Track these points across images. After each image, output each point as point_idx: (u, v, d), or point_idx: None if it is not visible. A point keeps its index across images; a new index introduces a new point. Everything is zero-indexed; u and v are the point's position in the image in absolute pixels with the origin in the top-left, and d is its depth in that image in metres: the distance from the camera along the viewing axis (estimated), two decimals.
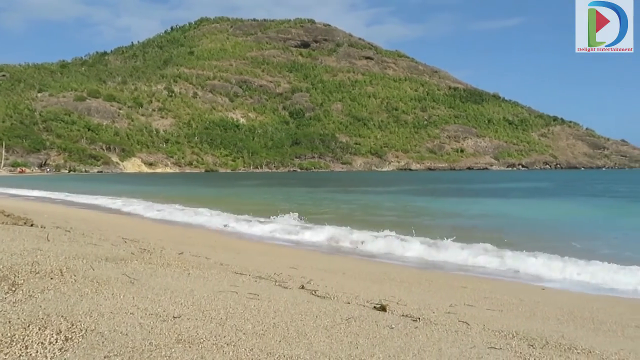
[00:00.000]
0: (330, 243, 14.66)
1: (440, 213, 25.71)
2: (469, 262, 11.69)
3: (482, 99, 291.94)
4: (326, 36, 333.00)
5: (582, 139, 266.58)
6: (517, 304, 6.90)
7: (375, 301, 5.45)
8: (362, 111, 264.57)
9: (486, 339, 4.12)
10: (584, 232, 17.94)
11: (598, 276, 9.88)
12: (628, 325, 6.00)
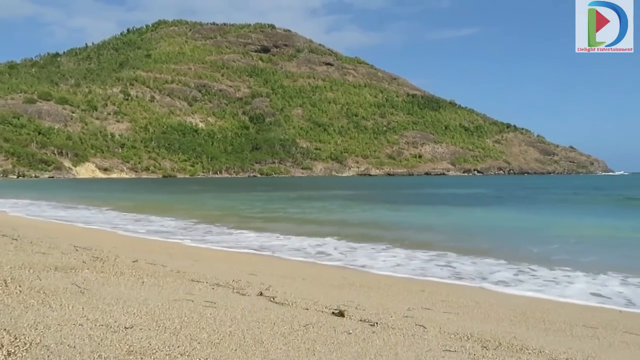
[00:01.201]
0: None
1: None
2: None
3: (440, 106, 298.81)
4: (286, 41, 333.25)
5: (534, 145, 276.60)
6: (473, 307, 7.04)
7: (334, 307, 5.45)
8: (323, 117, 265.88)
9: (442, 342, 4.18)
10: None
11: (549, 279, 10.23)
12: (576, 325, 6.22)
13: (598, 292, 9.17)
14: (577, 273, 10.75)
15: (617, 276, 10.36)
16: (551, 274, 10.70)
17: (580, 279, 10.29)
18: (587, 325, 6.27)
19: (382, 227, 20.77)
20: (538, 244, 15.41)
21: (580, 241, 15.57)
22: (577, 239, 16.65)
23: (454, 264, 11.90)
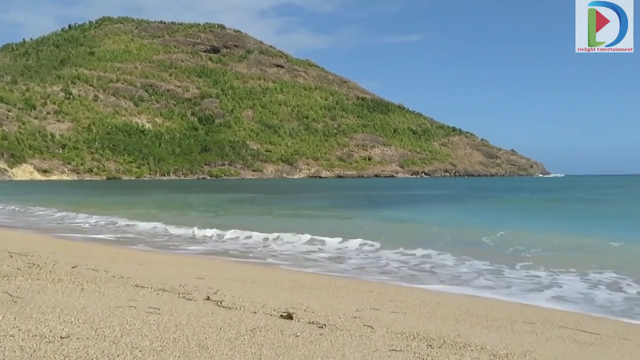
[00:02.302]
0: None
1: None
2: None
3: (389, 109, 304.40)
4: (237, 42, 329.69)
5: (478, 148, 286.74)
6: (420, 306, 7.18)
7: (283, 309, 5.41)
8: (273, 119, 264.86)
9: (388, 342, 4.23)
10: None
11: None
12: (516, 321, 6.47)
13: (537, 288, 9.59)
14: (521, 271, 11.22)
15: (556, 273, 10.87)
16: (497, 273, 11.10)
17: (524, 276, 10.74)
18: (527, 321, 6.52)
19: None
20: (485, 243, 15.97)
21: (524, 243, 16.22)
22: (522, 239, 17.31)
23: (409, 263, 12.12)
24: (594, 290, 9.46)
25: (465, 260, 12.45)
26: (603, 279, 10.33)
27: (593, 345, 5.36)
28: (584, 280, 10.20)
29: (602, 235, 17.45)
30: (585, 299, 8.82)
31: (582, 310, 8.02)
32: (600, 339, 5.70)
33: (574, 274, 10.75)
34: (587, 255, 13.78)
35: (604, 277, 10.43)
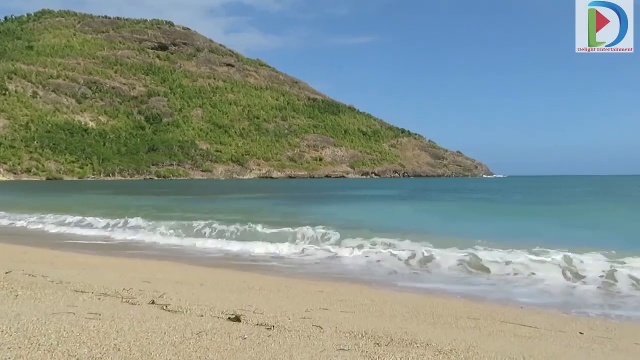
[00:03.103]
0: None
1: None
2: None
3: (339, 111, 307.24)
4: (185, 40, 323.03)
5: (426, 149, 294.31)
6: (369, 305, 7.25)
7: (231, 312, 5.32)
8: (223, 118, 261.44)
9: (337, 341, 4.24)
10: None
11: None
12: (461, 317, 6.65)
13: (479, 284, 9.91)
14: (469, 269, 11.55)
15: (501, 271, 11.27)
16: (445, 271, 11.38)
17: (469, 274, 11.07)
18: (471, 317, 6.72)
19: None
20: (435, 243, 16.33)
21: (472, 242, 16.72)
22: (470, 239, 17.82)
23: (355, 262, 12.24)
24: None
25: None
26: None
27: (532, 338, 5.58)
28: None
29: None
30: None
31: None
32: (538, 332, 5.95)
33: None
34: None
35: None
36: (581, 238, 15.67)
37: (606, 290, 9.46)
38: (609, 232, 18.68)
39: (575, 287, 9.78)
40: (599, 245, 12.47)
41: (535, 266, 10.82)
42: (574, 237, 15.64)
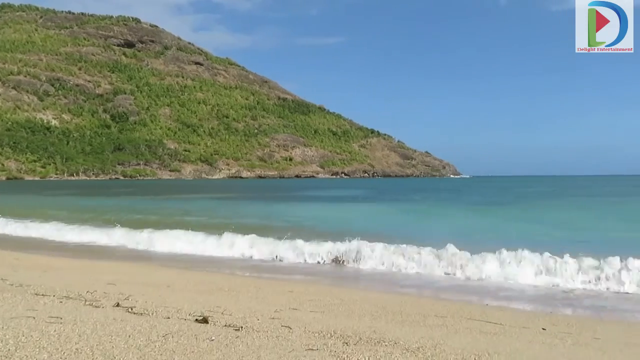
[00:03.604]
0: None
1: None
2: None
3: (309, 110, 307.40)
4: (153, 37, 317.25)
5: (395, 150, 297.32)
6: (338, 304, 7.27)
7: (198, 313, 5.24)
8: (192, 117, 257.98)
9: (305, 341, 4.23)
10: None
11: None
12: (429, 315, 6.74)
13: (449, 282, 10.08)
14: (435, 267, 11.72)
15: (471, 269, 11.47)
16: (413, 269, 11.52)
17: (436, 273, 11.24)
18: (438, 315, 6.82)
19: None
20: (406, 241, 16.51)
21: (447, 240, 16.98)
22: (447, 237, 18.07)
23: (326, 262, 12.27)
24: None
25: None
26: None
27: (497, 334, 5.70)
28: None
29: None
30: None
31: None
32: (503, 329, 6.09)
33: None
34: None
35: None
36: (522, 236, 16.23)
37: (565, 288, 9.76)
38: (545, 230, 19.56)
39: (537, 286, 10.05)
40: (540, 243, 12.85)
41: (480, 264, 11.02)
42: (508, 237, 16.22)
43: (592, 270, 9.99)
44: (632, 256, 9.89)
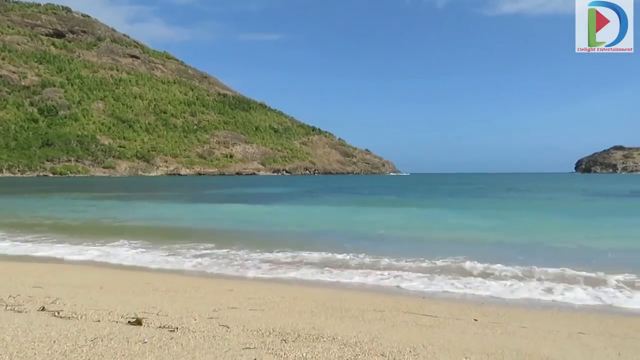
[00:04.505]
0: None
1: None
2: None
3: (250, 107, 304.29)
4: (85, 28, 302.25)
5: (336, 147, 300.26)
6: (279, 302, 7.24)
7: (131, 315, 5.05)
8: (128, 112, 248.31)
9: (243, 340, 4.17)
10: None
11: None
12: (367, 310, 6.84)
13: (381, 277, 10.28)
14: (373, 264, 11.92)
15: (407, 263, 11.76)
16: (353, 266, 11.65)
17: (375, 269, 11.43)
18: (377, 309, 6.94)
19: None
20: (345, 237, 16.70)
21: (381, 236, 17.29)
22: (381, 234, 18.43)
23: (267, 259, 12.16)
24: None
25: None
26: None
27: (432, 327, 5.88)
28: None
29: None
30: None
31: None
32: (438, 321, 6.29)
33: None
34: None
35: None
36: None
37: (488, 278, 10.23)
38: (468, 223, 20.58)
39: (470, 278, 10.45)
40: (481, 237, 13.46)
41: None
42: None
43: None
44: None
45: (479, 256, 12.13)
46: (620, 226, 20.02)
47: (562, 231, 18.07)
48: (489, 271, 10.72)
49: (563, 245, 13.02)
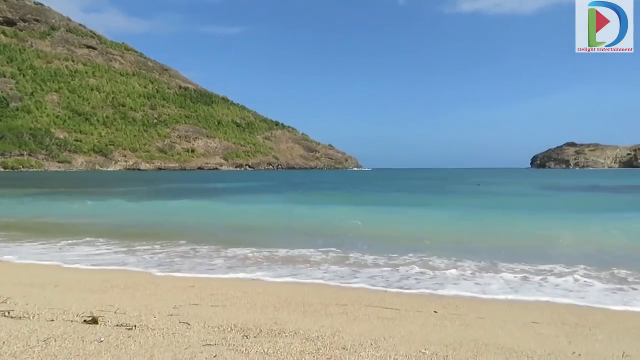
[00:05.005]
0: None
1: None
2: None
3: (212, 101, 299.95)
4: (38, 16, 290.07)
5: (299, 142, 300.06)
6: (241, 297, 7.18)
7: (87, 314, 4.90)
8: (84, 105, 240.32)
9: (204, 337, 4.12)
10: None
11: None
12: (330, 304, 6.88)
13: (347, 271, 10.36)
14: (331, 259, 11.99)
15: (366, 257, 11.88)
16: (317, 261, 11.67)
17: (334, 264, 11.50)
18: (340, 303, 6.98)
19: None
20: (310, 233, 16.72)
21: (345, 233, 17.38)
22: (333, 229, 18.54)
23: (229, 255, 12.04)
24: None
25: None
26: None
27: (393, 319, 5.97)
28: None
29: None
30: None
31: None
32: (399, 314, 6.38)
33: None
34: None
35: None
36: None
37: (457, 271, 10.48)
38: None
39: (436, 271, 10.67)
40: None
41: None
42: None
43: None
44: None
45: (442, 251, 12.40)
46: (581, 221, 20.39)
47: (524, 226, 18.65)
48: (451, 265, 10.97)
49: (524, 240, 13.47)
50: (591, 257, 11.74)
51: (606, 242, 14.33)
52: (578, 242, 14.73)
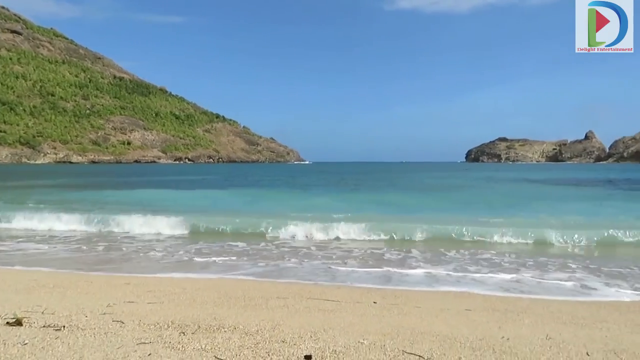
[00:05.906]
0: None
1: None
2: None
3: (149, 92, 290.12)
4: None
5: (240, 135, 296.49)
6: (180, 293, 7.02)
7: (11, 315, 4.60)
8: (8, 94, 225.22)
9: (138, 335, 3.98)
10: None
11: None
12: (271, 298, 6.85)
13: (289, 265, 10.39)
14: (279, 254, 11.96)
15: (311, 251, 11.94)
16: (259, 255, 11.60)
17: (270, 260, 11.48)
18: (280, 296, 6.97)
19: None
20: (243, 227, 16.54)
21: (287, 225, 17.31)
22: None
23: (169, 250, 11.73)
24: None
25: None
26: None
27: (333, 311, 6.03)
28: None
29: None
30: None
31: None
32: (339, 305, 6.46)
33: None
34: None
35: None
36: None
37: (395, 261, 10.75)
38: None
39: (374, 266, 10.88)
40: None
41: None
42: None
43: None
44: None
45: (390, 243, 12.69)
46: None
47: (468, 216, 19.09)
48: (394, 256, 11.23)
49: (465, 232, 13.96)
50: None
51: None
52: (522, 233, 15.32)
